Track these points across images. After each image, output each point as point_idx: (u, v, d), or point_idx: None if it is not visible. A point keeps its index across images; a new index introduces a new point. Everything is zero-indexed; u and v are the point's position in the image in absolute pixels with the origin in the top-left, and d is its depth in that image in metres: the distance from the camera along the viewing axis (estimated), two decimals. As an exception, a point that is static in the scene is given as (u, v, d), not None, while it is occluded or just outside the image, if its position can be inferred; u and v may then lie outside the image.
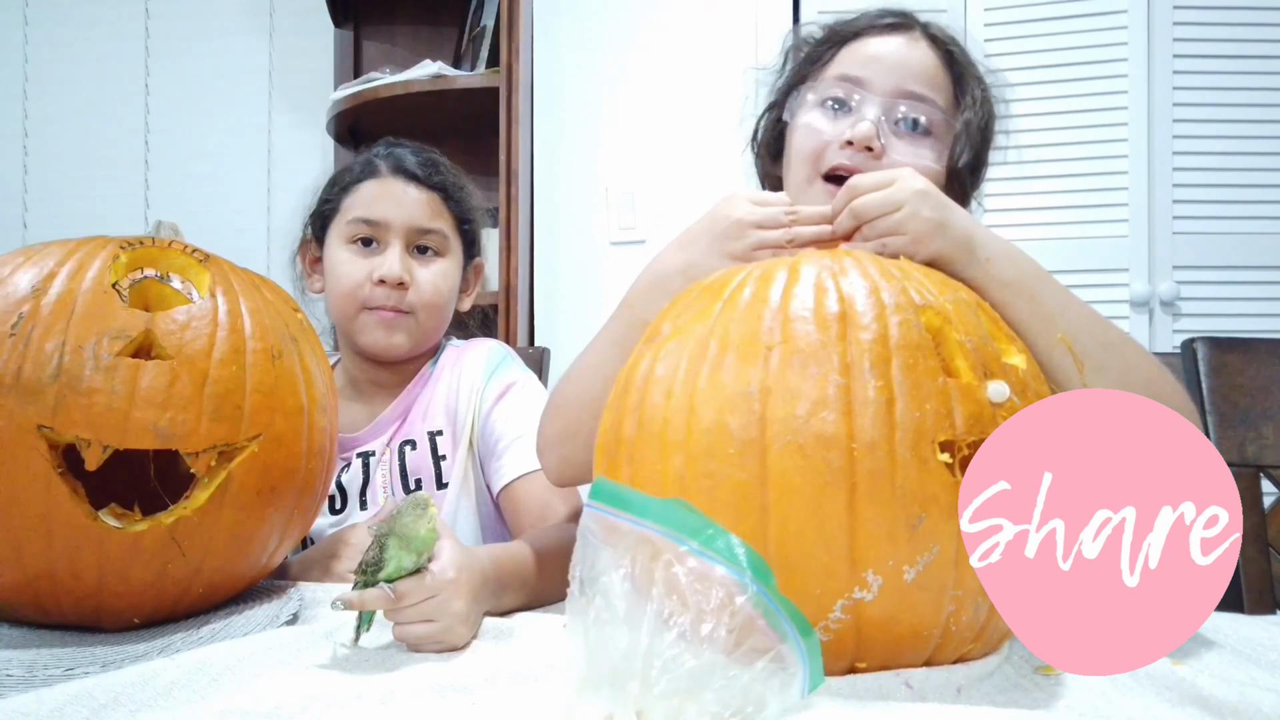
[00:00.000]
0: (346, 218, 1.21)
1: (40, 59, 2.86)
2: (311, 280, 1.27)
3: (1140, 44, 2.10)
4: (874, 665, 0.63)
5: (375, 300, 1.18)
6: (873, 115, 0.90)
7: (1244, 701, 0.58)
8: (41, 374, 0.75)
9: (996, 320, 0.72)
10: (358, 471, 1.20)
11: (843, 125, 0.91)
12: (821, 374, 0.61)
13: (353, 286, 1.18)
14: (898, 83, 0.91)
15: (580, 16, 2.37)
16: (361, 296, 1.18)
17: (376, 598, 0.70)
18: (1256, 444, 1.16)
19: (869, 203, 0.79)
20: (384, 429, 1.22)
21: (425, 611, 0.71)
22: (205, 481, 0.79)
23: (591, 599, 0.54)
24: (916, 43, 0.95)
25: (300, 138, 2.81)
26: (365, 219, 1.19)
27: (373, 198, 1.20)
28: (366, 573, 0.71)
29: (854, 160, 0.89)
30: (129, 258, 0.83)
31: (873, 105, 0.91)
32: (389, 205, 1.20)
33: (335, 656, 0.70)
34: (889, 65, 0.92)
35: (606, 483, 0.58)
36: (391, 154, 1.24)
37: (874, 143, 0.89)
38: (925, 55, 0.94)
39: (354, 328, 1.20)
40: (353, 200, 1.21)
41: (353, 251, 1.20)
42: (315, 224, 1.26)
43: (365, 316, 1.19)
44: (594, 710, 0.52)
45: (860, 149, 0.89)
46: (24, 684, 0.64)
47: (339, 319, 1.23)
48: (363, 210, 1.20)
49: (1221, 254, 2.09)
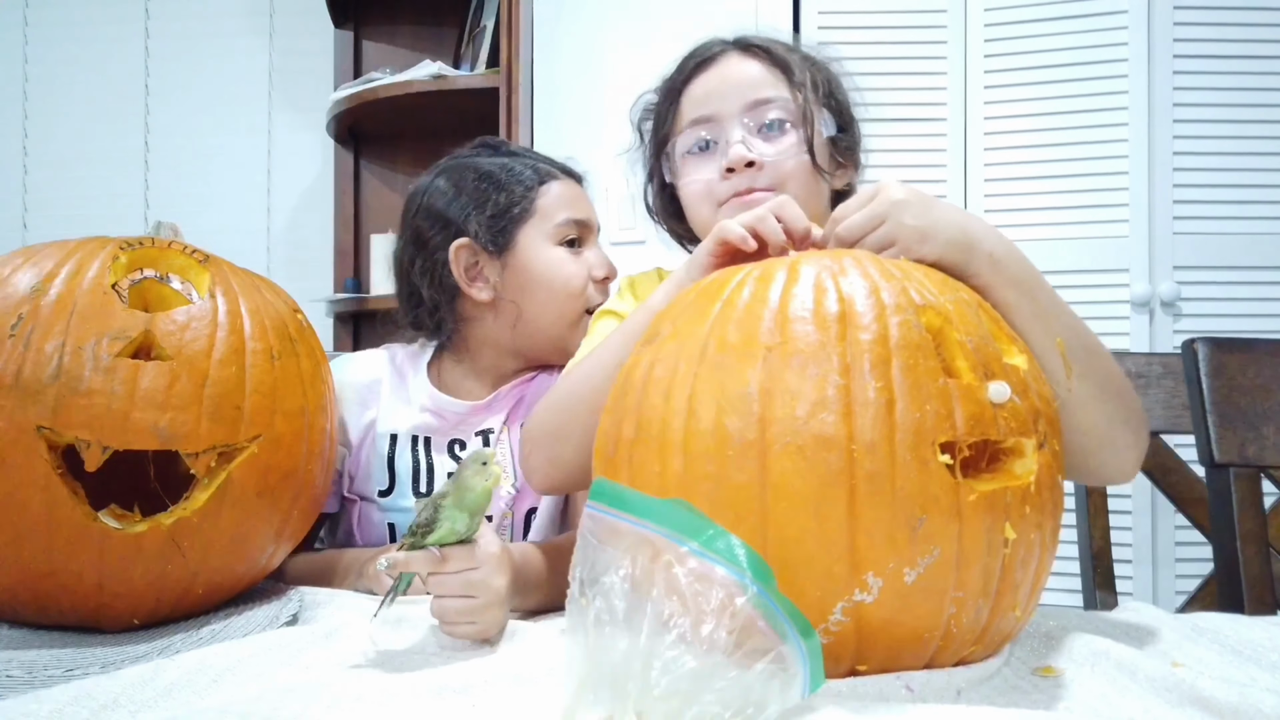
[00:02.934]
0: (554, 219, 1.15)
1: (40, 59, 2.86)
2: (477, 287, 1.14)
3: (1141, 44, 2.10)
4: (874, 667, 0.63)
5: (596, 301, 1.16)
6: (736, 136, 0.97)
7: (1244, 702, 0.58)
8: (41, 375, 0.75)
9: (997, 320, 0.72)
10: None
11: (716, 159, 0.98)
12: (821, 375, 0.61)
13: (581, 286, 1.15)
14: (740, 100, 0.98)
15: (580, 16, 2.37)
16: (586, 298, 1.16)
17: (422, 558, 0.71)
18: (1257, 444, 1.16)
19: (852, 225, 0.80)
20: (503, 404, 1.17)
21: (468, 583, 0.72)
22: (205, 482, 0.79)
23: (591, 600, 0.54)
24: (737, 59, 1.02)
25: (300, 138, 2.81)
26: (577, 219, 1.17)
27: (574, 196, 1.19)
28: (416, 534, 0.72)
29: (742, 182, 0.96)
30: (129, 258, 0.83)
31: (731, 128, 0.97)
32: (586, 205, 1.20)
33: (350, 651, 0.70)
34: (726, 91, 0.99)
35: (606, 484, 0.58)
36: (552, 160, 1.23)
37: (749, 158, 0.95)
38: (748, 65, 1.01)
39: (572, 332, 1.14)
40: (550, 202, 1.16)
41: (566, 251, 1.16)
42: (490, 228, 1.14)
43: (585, 321, 1.14)
44: (594, 711, 0.52)
45: (741, 170, 0.96)
46: (24, 684, 0.64)
47: (550, 319, 1.14)
48: (570, 210, 1.17)
49: (1222, 254, 2.09)
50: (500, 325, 1.15)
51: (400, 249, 1.20)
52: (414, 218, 1.18)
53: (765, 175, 0.96)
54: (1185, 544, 2.03)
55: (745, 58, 1.02)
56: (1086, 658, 0.69)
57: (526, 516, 1.15)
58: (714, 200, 0.98)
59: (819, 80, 1.01)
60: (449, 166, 1.20)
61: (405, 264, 1.19)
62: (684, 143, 1.01)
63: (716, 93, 1.00)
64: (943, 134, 2.17)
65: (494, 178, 1.16)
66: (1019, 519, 0.62)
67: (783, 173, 0.96)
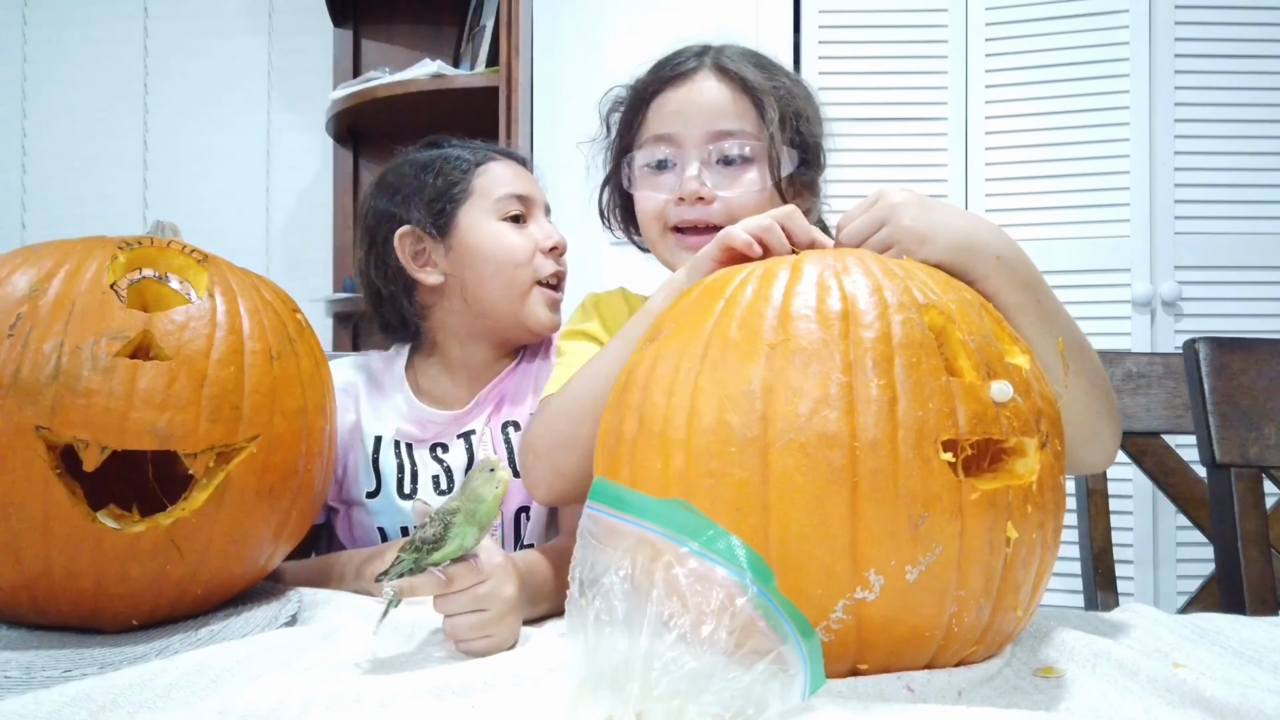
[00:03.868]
0: (493, 196, 1.17)
1: (39, 59, 2.86)
2: (426, 272, 1.17)
3: (1141, 44, 2.10)
4: (876, 667, 0.62)
5: (545, 271, 1.17)
6: (693, 170, 0.97)
7: (1245, 703, 0.58)
8: (40, 375, 0.75)
9: (1000, 320, 0.72)
10: (461, 453, 1.17)
11: (671, 181, 0.99)
12: (824, 372, 0.61)
13: (525, 258, 1.16)
14: (705, 127, 0.98)
15: (580, 16, 2.37)
16: (533, 268, 1.16)
17: (427, 583, 0.70)
18: (1259, 445, 1.15)
19: (853, 230, 0.81)
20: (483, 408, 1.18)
21: (477, 597, 0.71)
22: (203, 483, 0.79)
23: (591, 601, 0.53)
24: (708, 83, 1.01)
25: (299, 137, 2.81)
26: (516, 194, 1.18)
27: (513, 175, 1.20)
28: (420, 550, 0.69)
29: (691, 214, 0.98)
30: (127, 258, 0.83)
31: (690, 159, 0.98)
32: (528, 182, 1.21)
33: (349, 652, 0.70)
34: (692, 115, 0.99)
35: (606, 484, 0.57)
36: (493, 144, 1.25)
37: (703, 193, 0.97)
38: (719, 92, 1.00)
39: (524, 304, 1.16)
40: (487, 181, 1.18)
41: (510, 225, 1.17)
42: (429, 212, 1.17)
43: (538, 292, 1.17)
44: (594, 712, 0.51)
45: (693, 202, 0.97)
46: (22, 685, 0.64)
47: (499, 294, 1.15)
48: (509, 186, 1.18)
49: (1224, 254, 2.09)
50: (456, 309, 1.17)
51: (358, 254, 1.23)
52: (365, 219, 1.22)
53: (717, 209, 0.97)
54: (1186, 544, 2.03)
55: (718, 81, 1.00)
56: (1088, 659, 0.69)
57: (516, 516, 1.15)
58: (663, 222, 1.00)
59: (788, 115, 0.99)
60: (390, 166, 1.24)
61: (363, 266, 1.22)
62: (644, 156, 1.02)
63: (682, 114, 0.99)
64: (943, 134, 2.17)
65: (431, 166, 1.19)
66: (1021, 518, 0.62)
67: (735, 207, 0.97)
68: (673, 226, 1.00)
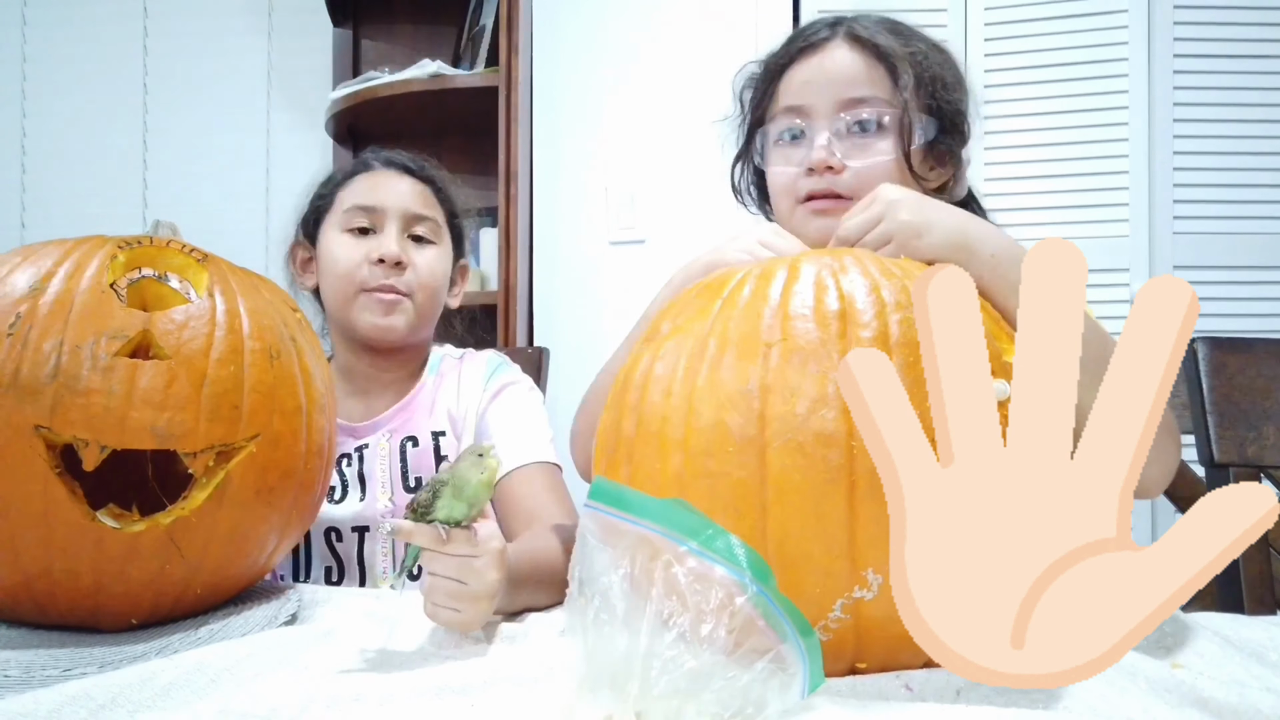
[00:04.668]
0: (342, 208, 1.24)
1: (39, 59, 2.86)
2: (304, 278, 1.29)
3: (1141, 44, 2.10)
4: (874, 666, 0.62)
5: (374, 280, 1.20)
6: (822, 139, 0.95)
7: (1244, 703, 0.58)
8: (39, 374, 0.75)
9: (997, 319, 0.72)
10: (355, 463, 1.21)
11: (802, 154, 0.97)
12: (821, 372, 0.61)
13: (351, 267, 1.20)
14: (835, 96, 0.96)
15: (580, 16, 2.37)
16: (360, 278, 1.20)
17: (427, 533, 0.71)
18: (1257, 444, 1.16)
19: (852, 227, 0.82)
20: (380, 426, 1.23)
21: (463, 569, 0.72)
22: (203, 482, 0.79)
23: (591, 600, 0.53)
24: (840, 51, 0.98)
25: (299, 137, 2.81)
26: (362, 206, 1.22)
27: (368, 187, 1.24)
28: (417, 512, 0.73)
29: (822, 183, 0.95)
30: (127, 257, 0.83)
31: (820, 129, 0.95)
32: (384, 192, 1.23)
33: (348, 651, 0.70)
34: (822, 84, 0.96)
35: (606, 483, 0.57)
36: (381, 152, 1.30)
37: (832, 162, 0.94)
38: (851, 60, 0.97)
39: (352, 311, 1.21)
40: (347, 193, 1.25)
41: (351, 237, 1.22)
42: (308, 224, 1.29)
43: (364, 298, 1.20)
44: (593, 711, 0.51)
45: (822, 171, 0.94)
46: (22, 684, 0.64)
47: (336, 304, 1.23)
48: (358, 198, 1.23)
49: (1222, 254, 2.09)
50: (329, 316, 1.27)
51: None
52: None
53: (846, 179, 0.94)
54: (1185, 544, 2.02)
55: (850, 49, 0.97)
56: (1087, 657, 0.69)
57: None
58: (794, 196, 0.97)
59: (924, 82, 0.95)
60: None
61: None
62: (775, 129, 0.99)
63: (813, 84, 0.96)
64: (942, 133, 2.17)
65: (322, 180, 1.29)
66: (1019, 518, 0.62)
67: (865, 177, 0.93)
68: (802, 199, 0.96)
